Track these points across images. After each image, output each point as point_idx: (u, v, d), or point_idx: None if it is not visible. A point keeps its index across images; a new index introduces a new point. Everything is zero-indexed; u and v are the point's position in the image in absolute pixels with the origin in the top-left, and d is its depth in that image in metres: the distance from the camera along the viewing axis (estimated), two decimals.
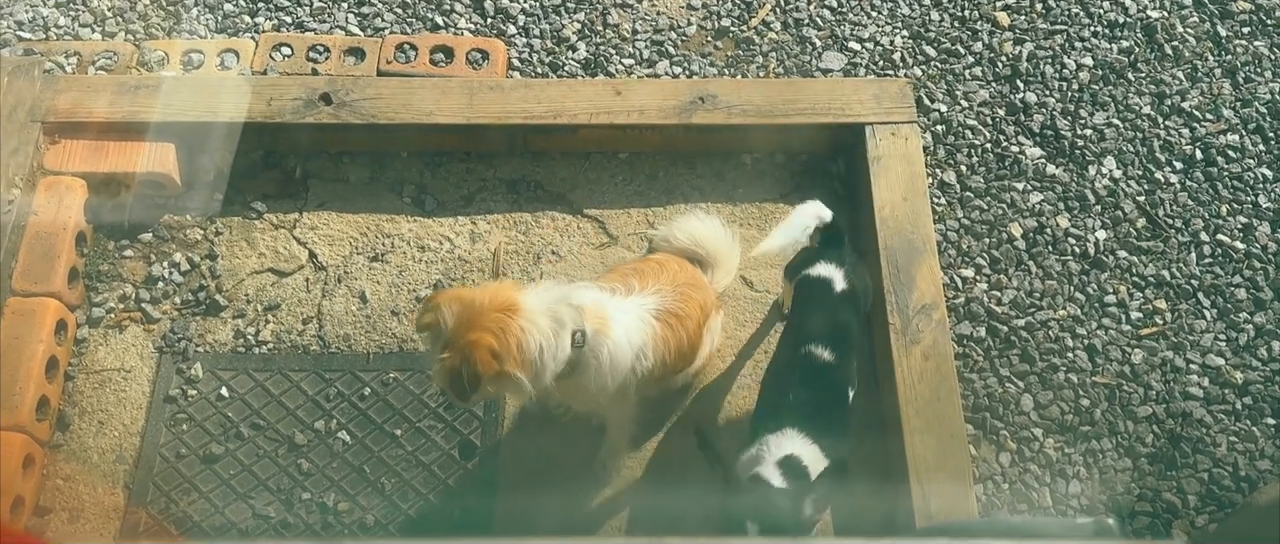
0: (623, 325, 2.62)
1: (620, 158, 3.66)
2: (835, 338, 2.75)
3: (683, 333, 2.76)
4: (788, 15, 4.03)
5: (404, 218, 3.55)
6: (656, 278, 2.78)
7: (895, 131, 3.51)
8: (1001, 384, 3.30)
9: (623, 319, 2.64)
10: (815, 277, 2.84)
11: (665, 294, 2.74)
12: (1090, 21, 4.07)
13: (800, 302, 2.88)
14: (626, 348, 2.62)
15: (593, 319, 2.56)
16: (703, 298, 2.88)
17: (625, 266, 2.92)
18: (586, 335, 2.53)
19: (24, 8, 3.91)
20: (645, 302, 2.71)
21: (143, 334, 3.35)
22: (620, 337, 2.60)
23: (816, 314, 2.81)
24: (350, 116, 3.50)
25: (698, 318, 2.82)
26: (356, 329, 3.36)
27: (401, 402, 3.26)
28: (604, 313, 2.60)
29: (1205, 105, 3.88)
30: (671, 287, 2.77)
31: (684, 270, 2.91)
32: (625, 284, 2.73)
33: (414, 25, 3.95)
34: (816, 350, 2.72)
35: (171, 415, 3.23)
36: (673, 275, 2.82)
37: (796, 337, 2.80)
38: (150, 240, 3.49)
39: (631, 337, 2.64)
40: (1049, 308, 3.44)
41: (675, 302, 2.75)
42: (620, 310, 2.65)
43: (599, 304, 2.62)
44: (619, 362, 2.61)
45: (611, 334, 2.59)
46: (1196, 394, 3.32)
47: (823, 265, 2.84)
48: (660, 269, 2.83)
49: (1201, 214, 3.65)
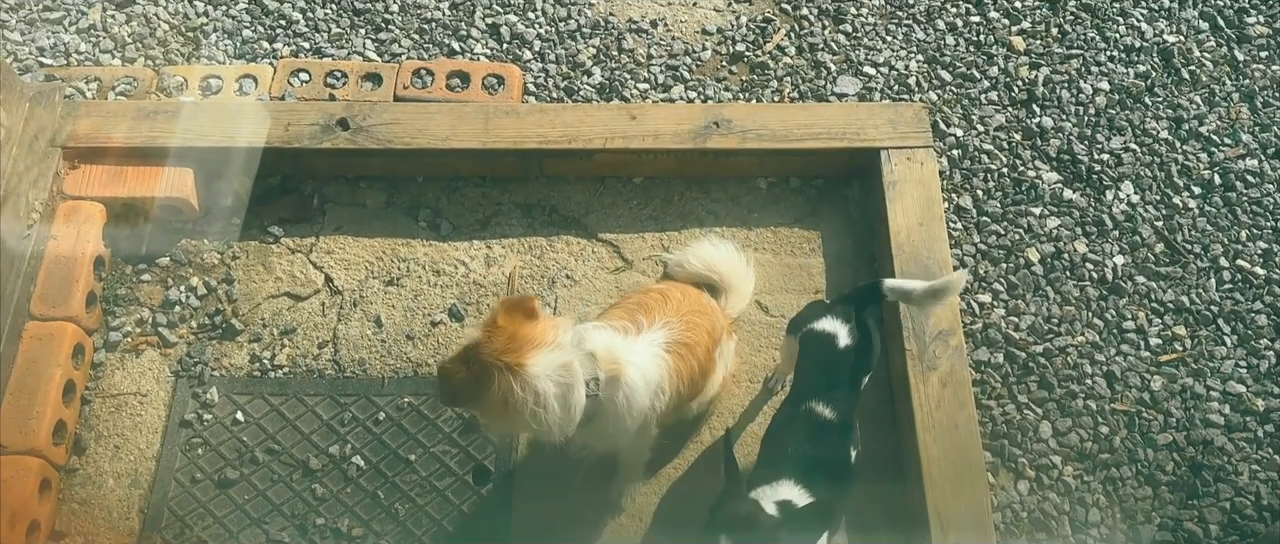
0: (636, 366, 2.59)
1: (635, 182, 3.66)
2: (838, 395, 2.67)
3: (693, 361, 2.75)
4: (802, 40, 4.04)
5: (419, 242, 3.56)
6: (662, 309, 2.76)
7: (911, 156, 3.50)
8: (1020, 411, 3.28)
9: (636, 360, 2.60)
10: (819, 331, 2.76)
11: (673, 325, 2.72)
12: (1106, 46, 4.06)
13: (804, 357, 2.80)
14: (643, 388, 2.59)
15: (606, 365, 2.54)
16: (710, 323, 2.86)
17: (628, 301, 2.88)
18: (600, 383, 2.51)
19: (46, 34, 3.95)
20: (655, 337, 2.68)
21: (159, 358, 3.36)
22: (635, 378, 2.58)
23: (820, 370, 2.73)
24: (367, 142, 3.52)
25: (707, 344, 2.81)
26: (371, 353, 3.36)
27: (416, 426, 3.25)
28: (617, 356, 2.58)
29: (1223, 130, 3.86)
30: (677, 316, 2.75)
31: (688, 297, 2.89)
32: (633, 321, 2.70)
33: (431, 51, 3.97)
34: (818, 408, 2.64)
35: (187, 440, 3.24)
36: (677, 304, 2.80)
37: (798, 393, 2.73)
38: (168, 265, 3.50)
39: (648, 376, 2.61)
40: (1067, 334, 3.41)
41: (683, 331, 2.73)
42: (632, 351, 2.62)
43: (611, 350, 2.58)
44: (636, 404, 2.59)
45: (626, 377, 2.56)
46: (1217, 422, 3.28)
47: (828, 320, 2.76)
48: (664, 300, 2.81)
49: (1221, 239, 3.62)
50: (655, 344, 2.67)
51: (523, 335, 2.39)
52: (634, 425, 2.63)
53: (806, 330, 2.80)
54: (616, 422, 2.59)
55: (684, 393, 2.77)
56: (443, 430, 3.25)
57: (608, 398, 2.54)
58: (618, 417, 2.58)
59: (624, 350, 2.60)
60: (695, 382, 2.80)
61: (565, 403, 2.42)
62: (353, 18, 4.06)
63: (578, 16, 4.08)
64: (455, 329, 3.40)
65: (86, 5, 4.04)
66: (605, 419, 2.57)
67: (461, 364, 2.40)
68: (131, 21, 4.01)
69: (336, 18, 4.06)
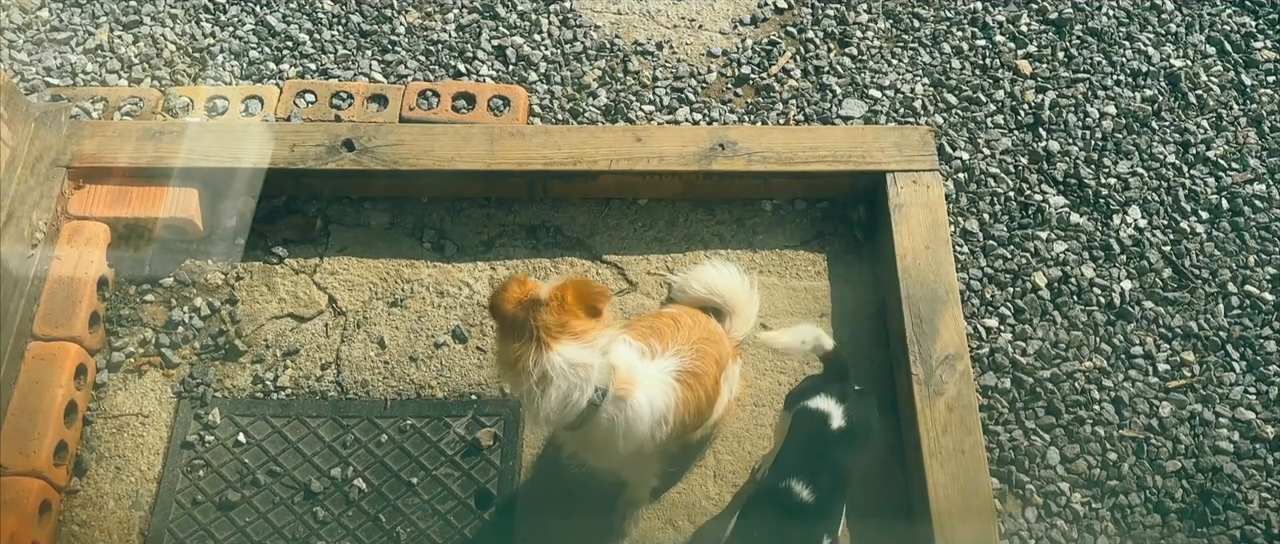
0: (646, 392, 2.56)
1: (640, 204, 3.65)
2: (821, 477, 2.57)
3: (701, 391, 2.72)
4: (808, 63, 4.04)
5: (424, 263, 3.55)
6: (674, 336, 2.73)
7: (917, 179, 3.49)
8: (1027, 437, 3.25)
9: (647, 385, 2.58)
10: (813, 409, 2.67)
11: (684, 354, 2.69)
12: (1113, 70, 4.05)
13: (793, 433, 2.72)
14: (646, 416, 2.56)
15: (620, 382, 2.51)
16: (718, 351, 2.84)
17: (640, 324, 2.85)
18: (608, 397, 2.49)
19: (53, 54, 3.96)
20: (667, 364, 2.66)
21: (161, 379, 3.35)
22: (641, 404, 2.55)
23: (807, 449, 2.64)
24: (372, 162, 3.52)
25: (714, 373, 2.79)
26: (375, 375, 3.35)
27: (418, 449, 3.23)
28: (632, 377, 2.55)
29: (1231, 154, 3.85)
30: (689, 344, 2.72)
31: (698, 324, 2.86)
32: (647, 345, 2.68)
33: (437, 72, 3.98)
34: (796, 487, 2.55)
35: (188, 461, 3.22)
36: (688, 332, 2.77)
37: (779, 468, 2.65)
38: (171, 285, 3.50)
39: (654, 405, 2.58)
40: (1075, 359, 3.39)
41: (694, 360, 2.71)
42: (646, 376, 2.59)
43: (630, 368, 2.56)
44: (635, 429, 2.55)
45: (632, 400, 2.53)
46: (1227, 449, 3.25)
47: (822, 398, 2.68)
48: (675, 326, 2.78)
49: (1229, 264, 3.60)
50: (667, 371, 2.65)
51: (573, 323, 2.39)
52: (626, 449, 2.59)
53: (799, 408, 2.72)
54: (608, 439, 2.55)
55: (689, 423, 2.74)
56: (445, 454, 3.23)
57: (607, 414, 2.51)
58: (611, 435, 2.54)
59: (639, 373, 2.58)
60: (701, 411, 2.78)
61: (564, 400, 2.39)
62: (359, 39, 4.07)
63: (583, 39, 4.09)
64: (459, 351, 3.38)
65: (93, 26, 4.05)
66: (598, 431, 2.53)
67: (516, 303, 2.38)
68: (138, 42, 4.02)
69: (343, 39, 4.07)
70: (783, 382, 3.32)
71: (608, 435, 2.54)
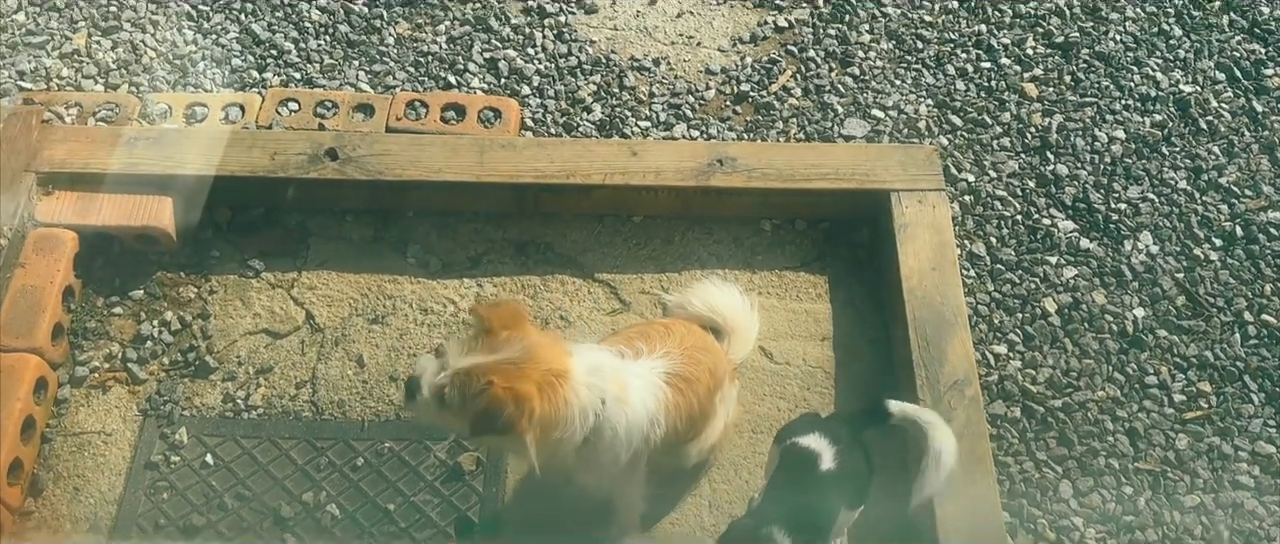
0: (637, 392, 2.45)
1: (634, 221, 3.51)
2: (805, 527, 2.40)
3: (693, 398, 2.59)
4: (809, 81, 3.93)
5: (407, 279, 3.39)
6: (664, 341, 2.61)
7: (922, 199, 3.36)
8: (1039, 469, 3.09)
9: (637, 385, 2.47)
10: (802, 447, 2.50)
11: (674, 358, 2.58)
12: (1121, 94, 3.95)
13: (780, 471, 2.55)
14: (642, 414, 2.45)
15: (614, 385, 2.40)
16: (713, 362, 2.70)
17: (630, 330, 2.75)
18: (606, 403, 2.37)
19: (27, 58, 3.82)
20: (654, 365, 2.55)
21: (127, 395, 3.17)
22: (636, 403, 2.44)
23: (792, 492, 2.47)
24: (356, 173, 3.37)
25: (707, 382, 2.64)
26: (352, 395, 3.17)
27: (396, 474, 3.05)
28: (622, 378, 2.44)
29: (1244, 181, 3.73)
30: (680, 350, 2.61)
31: (692, 333, 2.74)
32: (632, 348, 2.57)
33: (426, 84, 3.85)
34: (778, 536, 2.36)
35: (152, 482, 3.03)
36: (680, 339, 2.65)
37: (762, 510, 2.48)
38: (141, 297, 3.33)
39: (646, 403, 2.47)
40: (1087, 388, 3.24)
41: (684, 365, 2.58)
42: (633, 375, 2.48)
43: (617, 369, 2.45)
44: (634, 430, 2.44)
45: (630, 402, 2.42)
46: (1247, 484, 3.10)
47: (815, 437, 2.51)
48: (667, 332, 2.67)
49: (1244, 293, 3.47)
50: (654, 372, 2.52)
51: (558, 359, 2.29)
52: (626, 456, 2.46)
53: (789, 443, 2.55)
54: (612, 448, 2.42)
55: (681, 430, 2.60)
56: (424, 479, 3.05)
57: (610, 419, 2.39)
58: (614, 442, 2.41)
59: (625, 372, 2.45)
60: (693, 420, 2.63)
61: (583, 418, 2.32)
62: (346, 49, 3.94)
63: (578, 53, 3.97)
64: None
65: (71, 30, 3.92)
66: (602, 442, 2.40)
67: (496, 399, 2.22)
68: (117, 48, 3.88)
69: (330, 49, 3.94)
70: (782, 408, 3.17)
71: (611, 443, 2.42)
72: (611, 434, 2.41)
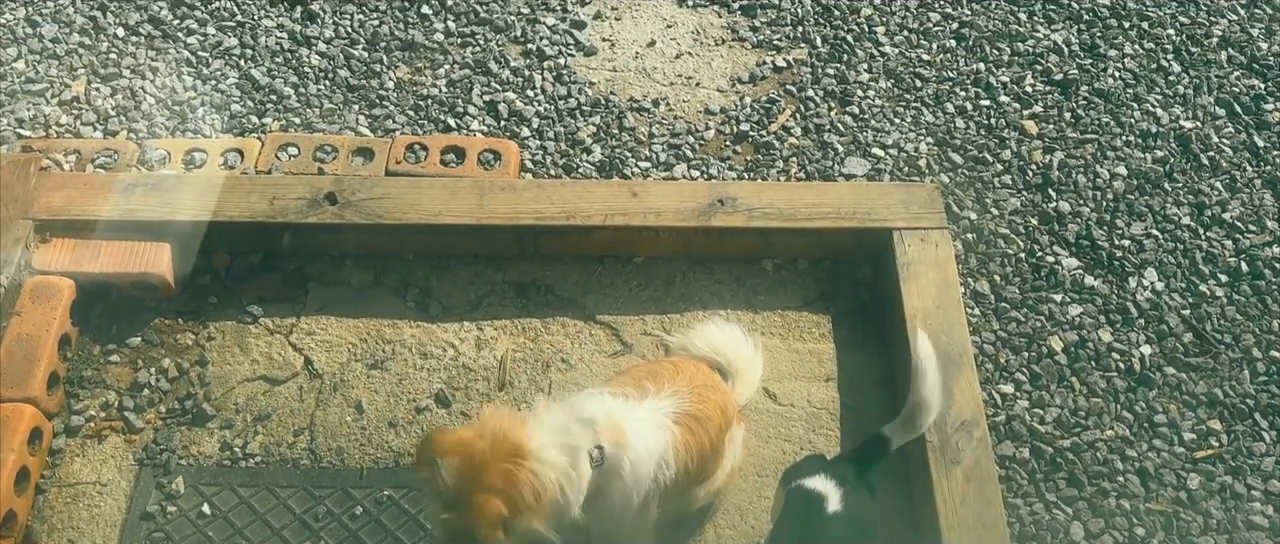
0: (639, 434, 2.41)
1: (635, 262, 3.49)
2: None
3: (705, 436, 2.55)
4: (809, 120, 3.92)
5: (407, 323, 3.36)
6: (672, 380, 2.58)
7: (925, 237, 3.33)
8: (1048, 510, 3.04)
9: (639, 427, 2.43)
10: (808, 490, 2.45)
11: (683, 396, 2.54)
12: (1121, 131, 3.94)
13: (785, 516, 2.51)
14: (647, 458, 2.40)
15: (608, 433, 2.36)
16: (723, 400, 2.67)
17: (639, 369, 2.72)
18: (605, 453, 2.33)
19: (26, 105, 3.82)
20: (662, 405, 2.51)
21: (123, 445, 3.12)
22: (639, 446, 2.40)
23: (797, 535, 2.43)
24: (355, 217, 3.35)
25: (719, 420, 2.60)
26: (350, 442, 3.13)
27: (395, 522, 3.00)
28: (618, 423, 2.40)
29: (1247, 216, 3.71)
30: (689, 388, 2.57)
31: (701, 372, 2.71)
32: (639, 388, 2.53)
33: (426, 127, 3.84)
34: None
35: (148, 534, 2.98)
36: (690, 377, 2.62)
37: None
38: (139, 345, 3.30)
39: (650, 445, 2.43)
40: (1096, 427, 3.20)
41: (694, 403, 2.54)
42: (635, 418, 2.44)
43: (611, 414, 2.41)
44: (642, 474, 2.40)
45: (630, 446, 2.38)
46: (1261, 523, 3.05)
47: (820, 479, 2.46)
48: (676, 371, 2.63)
49: (1252, 329, 3.44)
50: (661, 412, 2.48)
51: (508, 441, 2.22)
52: (638, 500, 2.42)
53: (795, 486, 2.50)
54: (623, 495, 2.38)
55: (692, 470, 2.55)
56: (423, 527, 3.00)
57: (613, 468, 2.35)
58: (624, 490, 2.37)
59: (626, 416, 2.41)
60: (705, 460, 2.58)
61: (572, 480, 2.24)
62: (346, 94, 3.94)
63: (578, 95, 3.97)
64: (442, 416, 3.17)
65: (71, 78, 3.92)
66: (611, 492, 2.36)
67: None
68: (116, 95, 3.88)
69: (329, 94, 3.94)
70: (787, 449, 3.12)
71: (621, 492, 2.38)
72: (618, 481, 2.37)
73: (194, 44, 4.06)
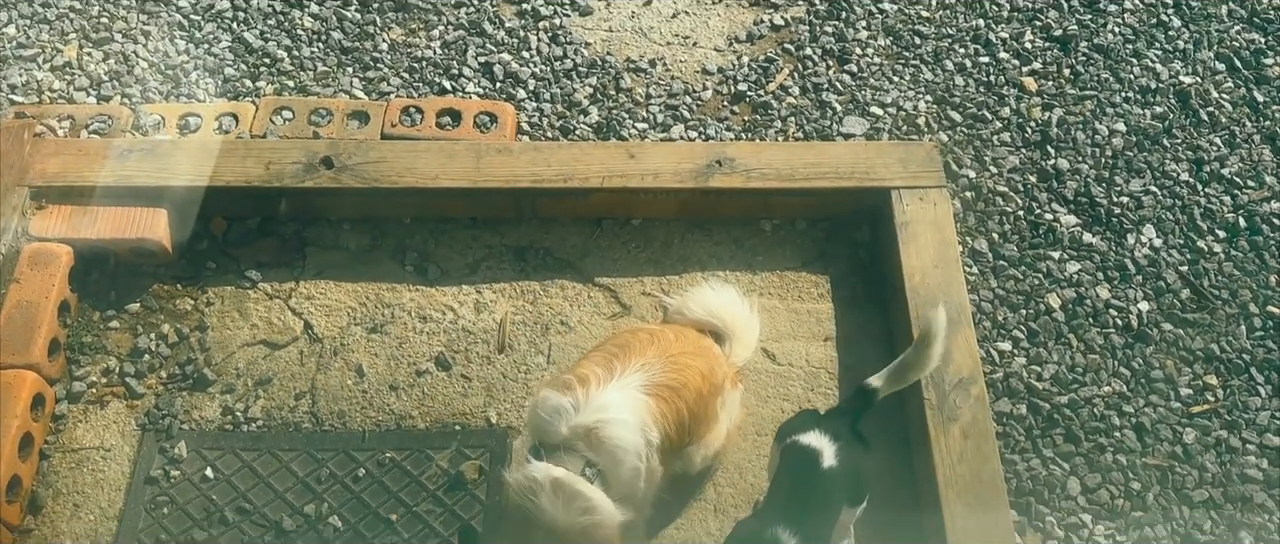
0: (612, 416, 2.45)
1: (633, 224, 3.48)
2: (810, 527, 2.39)
3: (681, 404, 2.56)
4: (806, 80, 3.90)
5: (405, 287, 3.36)
6: (643, 352, 2.58)
7: (923, 196, 3.33)
8: (1045, 466, 3.06)
9: (611, 410, 2.45)
10: (803, 446, 2.47)
11: (653, 368, 2.54)
12: (1121, 87, 3.92)
13: (782, 471, 2.54)
14: (630, 433, 2.45)
15: (586, 445, 2.42)
16: (706, 365, 2.67)
17: (612, 342, 2.70)
18: (597, 466, 2.42)
19: (18, 71, 3.79)
20: (629, 380, 2.51)
21: (125, 410, 3.14)
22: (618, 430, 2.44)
23: (795, 491, 2.46)
24: (352, 181, 3.34)
25: (698, 386, 2.61)
26: (352, 405, 3.15)
27: (398, 484, 3.03)
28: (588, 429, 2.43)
29: (1246, 172, 3.71)
30: (661, 357, 2.57)
31: (682, 339, 2.71)
32: (606, 368, 2.52)
33: (421, 89, 3.82)
34: (784, 537, 2.34)
35: (152, 498, 3.01)
36: (665, 346, 2.62)
37: (766, 512, 2.46)
38: (138, 310, 3.30)
39: (625, 417, 2.46)
40: (1093, 384, 3.21)
41: (667, 373, 2.55)
42: (602, 402, 2.45)
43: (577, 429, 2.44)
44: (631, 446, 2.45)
45: (608, 435, 2.43)
46: (1255, 476, 3.07)
47: (815, 434, 2.48)
48: (650, 340, 2.63)
49: (1249, 285, 3.44)
50: (630, 386, 2.50)
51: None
52: (644, 467, 2.47)
53: (789, 442, 2.53)
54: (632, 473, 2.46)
55: (673, 436, 2.57)
56: (427, 489, 3.02)
57: (609, 467, 2.42)
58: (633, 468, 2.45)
59: (594, 406, 2.44)
60: (683, 425, 2.59)
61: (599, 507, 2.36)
62: (340, 56, 3.91)
63: (574, 56, 3.94)
64: (442, 379, 3.19)
65: (62, 43, 3.89)
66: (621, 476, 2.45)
67: None
68: (109, 59, 3.85)
69: (323, 56, 3.91)
70: (785, 409, 3.14)
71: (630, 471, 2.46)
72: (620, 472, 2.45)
73: (185, 7, 4.02)
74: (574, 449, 2.42)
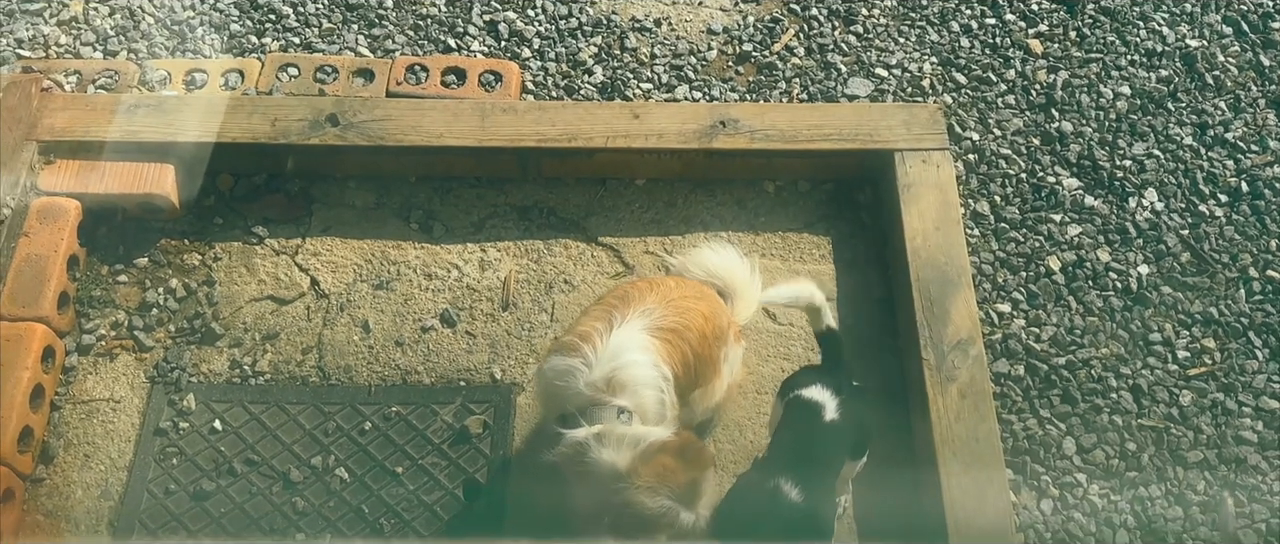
0: (626, 359, 2.48)
1: (637, 184, 3.50)
2: (813, 478, 2.44)
3: (685, 346, 2.58)
4: (812, 41, 3.89)
5: (411, 244, 3.39)
6: (642, 299, 2.60)
7: (926, 158, 3.34)
8: (1042, 426, 3.10)
9: (624, 354, 2.48)
10: (806, 399, 2.54)
11: (655, 312, 2.57)
12: (1127, 50, 3.91)
13: (785, 425, 2.59)
14: (647, 370, 2.49)
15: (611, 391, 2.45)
16: (709, 308, 2.70)
17: (610, 295, 2.73)
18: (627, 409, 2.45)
19: (25, 25, 3.80)
20: (633, 324, 2.54)
21: (134, 363, 3.19)
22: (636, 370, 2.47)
23: (798, 444, 2.50)
24: (357, 138, 3.36)
25: (702, 329, 2.63)
26: (358, 360, 3.19)
27: (404, 437, 3.08)
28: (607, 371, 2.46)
29: (1250, 136, 3.71)
30: (663, 302, 2.60)
31: (682, 287, 2.73)
32: (606, 321, 2.55)
33: (426, 47, 3.82)
34: (786, 487, 2.39)
35: (161, 449, 3.06)
36: (665, 292, 2.64)
37: (768, 463, 2.52)
38: (146, 265, 3.34)
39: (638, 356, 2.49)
40: (1091, 346, 3.24)
41: (669, 317, 2.57)
42: (612, 349, 2.48)
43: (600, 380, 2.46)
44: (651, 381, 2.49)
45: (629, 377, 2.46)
46: (1250, 439, 3.11)
47: (817, 389, 2.54)
48: (649, 289, 2.65)
49: (1249, 249, 3.46)
50: (636, 330, 2.53)
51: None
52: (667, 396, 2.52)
53: (793, 397, 2.58)
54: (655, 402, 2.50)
55: (681, 376, 2.60)
56: (432, 442, 3.07)
57: (638, 406, 2.45)
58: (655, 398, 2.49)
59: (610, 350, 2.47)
60: (688, 366, 2.62)
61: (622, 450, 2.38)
62: (345, 13, 3.91)
63: (579, 14, 3.93)
64: (447, 335, 3.23)
65: None
66: (648, 403, 2.49)
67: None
68: (115, 14, 3.86)
69: (328, 13, 3.91)
70: (786, 368, 3.17)
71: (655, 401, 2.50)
72: (649, 398, 2.49)
73: None
74: (600, 402, 2.44)
